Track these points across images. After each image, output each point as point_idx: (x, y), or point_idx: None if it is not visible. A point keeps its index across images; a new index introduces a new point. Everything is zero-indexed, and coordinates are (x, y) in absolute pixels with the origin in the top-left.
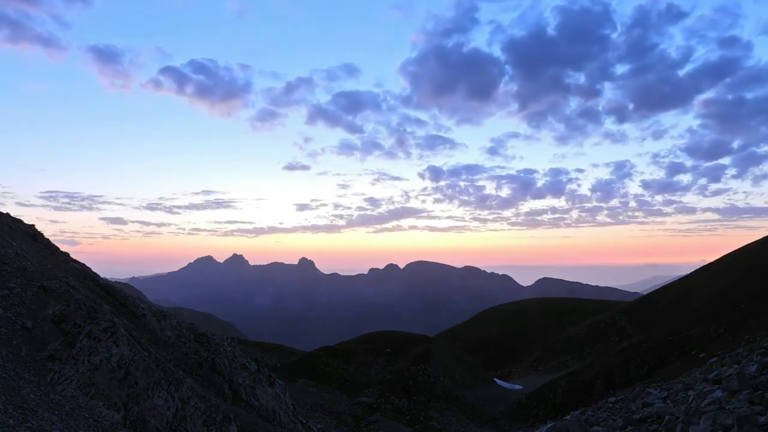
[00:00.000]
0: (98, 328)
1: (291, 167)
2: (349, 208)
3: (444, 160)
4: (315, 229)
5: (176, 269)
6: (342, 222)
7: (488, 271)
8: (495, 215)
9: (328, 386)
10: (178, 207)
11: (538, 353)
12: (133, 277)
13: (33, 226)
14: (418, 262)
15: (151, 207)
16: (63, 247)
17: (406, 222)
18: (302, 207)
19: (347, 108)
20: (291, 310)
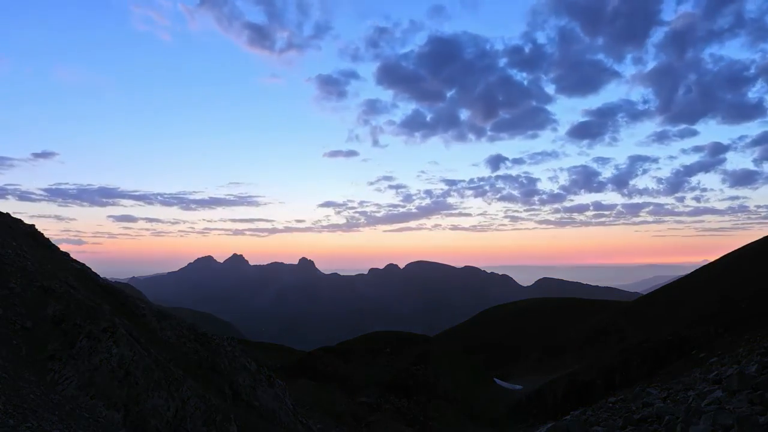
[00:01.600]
0: (98, 328)
1: (334, 154)
2: (378, 204)
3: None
4: (333, 228)
5: (176, 269)
6: (362, 220)
7: (488, 271)
8: (533, 211)
9: (328, 386)
10: (196, 202)
11: (538, 353)
12: (133, 277)
13: (33, 226)
14: (418, 262)
15: (167, 202)
16: (68, 247)
17: (432, 221)
18: (328, 204)
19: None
20: (291, 310)
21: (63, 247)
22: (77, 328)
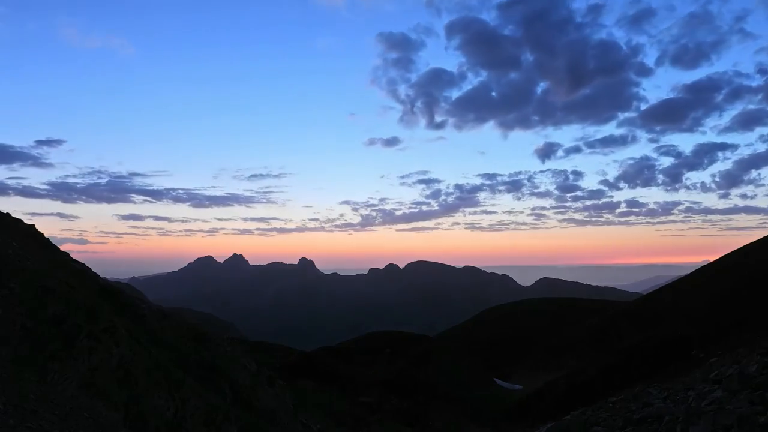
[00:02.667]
0: (98, 328)
1: (372, 142)
2: (400, 201)
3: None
4: (344, 227)
5: (176, 269)
6: (378, 219)
7: (488, 271)
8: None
9: (328, 386)
10: (210, 199)
11: (538, 353)
12: (133, 277)
13: (33, 225)
14: (418, 262)
15: (179, 198)
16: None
17: (453, 219)
18: (347, 202)
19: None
20: (291, 310)
21: (66, 247)
22: (77, 328)
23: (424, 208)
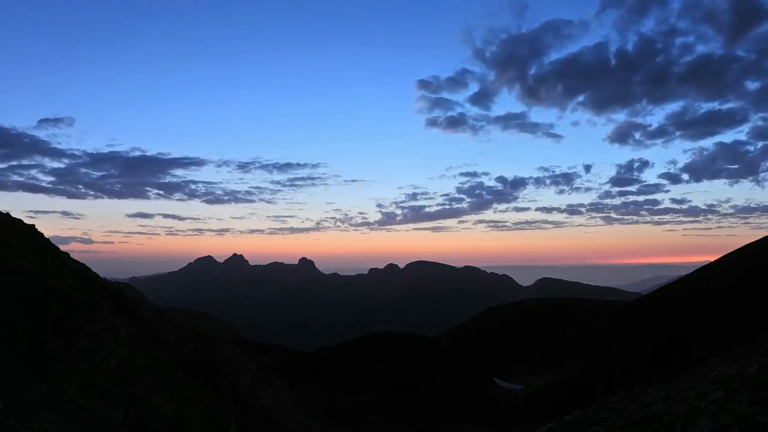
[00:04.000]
0: (98, 328)
1: (433, 123)
2: (431, 197)
3: None
4: (359, 226)
5: (176, 269)
6: (400, 217)
7: (488, 271)
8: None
9: (327, 386)
10: (230, 194)
11: (538, 353)
12: (133, 277)
13: (33, 225)
14: (417, 262)
15: (194, 193)
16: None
17: (478, 216)
18: (376, 198)
19: None
20: (291, 310)
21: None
22: (77, 328)
23: (455, 205)
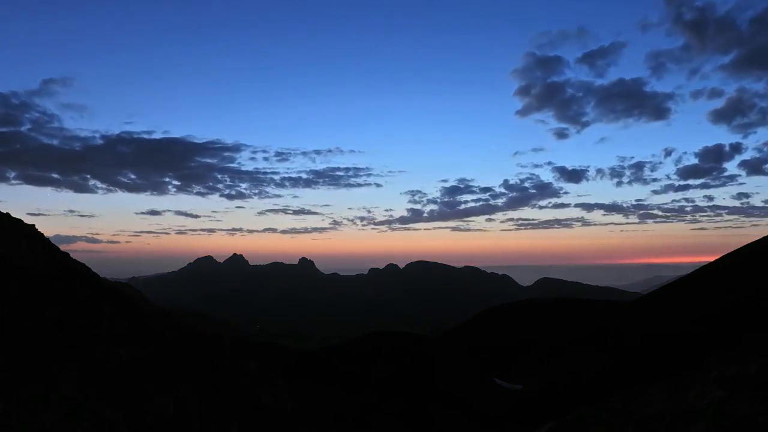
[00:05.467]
0: (98, 328)
1: (528, 111)
2: (474, 191)
3: None
4: (379, 224)
5: (176, 269)
6: (426, 215)
7: (488, 271)
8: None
9: (328, 387)
10: (262, 180)
11: (538, 353)
12: (133, 277)
13: (33, 225)
14: (417, 262)
15: (214, 186)
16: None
17: (511, 214)
18: (412, 191)
19: None
20: (291, 311)
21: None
22: (77, 328)
23: (491, 201)
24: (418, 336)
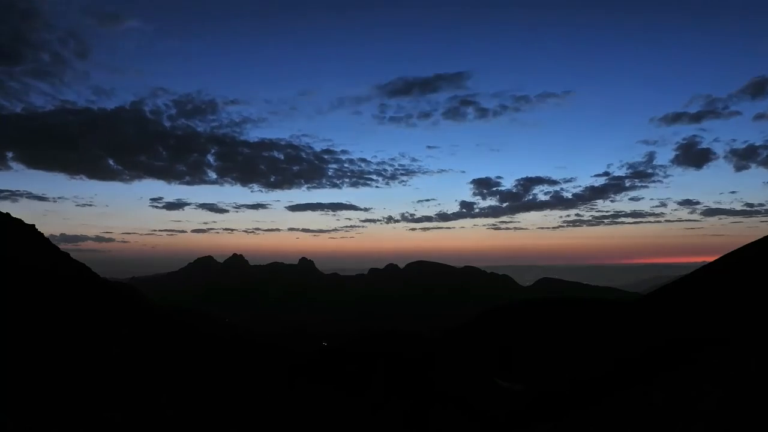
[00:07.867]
0: (101, 328)
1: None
2: (540, 183)
3: None
4: (414, 222)
5: (176, 269)
6: (448, 214)
7: (488, 271)
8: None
9: (328, 387)
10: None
11: (538, 353)
12: (133, 277)
13: (33, 225)
14: (418, 262)
15: (254, 171)
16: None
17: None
18: (478, 181)
19: None
20: (291, 311)
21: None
22: (78, 328)
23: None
24: (418, 336)
